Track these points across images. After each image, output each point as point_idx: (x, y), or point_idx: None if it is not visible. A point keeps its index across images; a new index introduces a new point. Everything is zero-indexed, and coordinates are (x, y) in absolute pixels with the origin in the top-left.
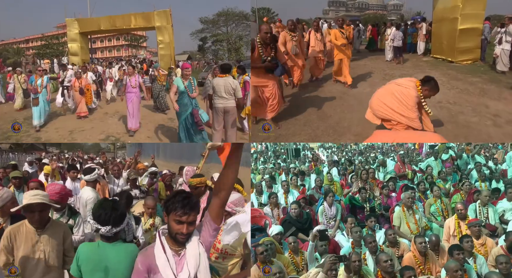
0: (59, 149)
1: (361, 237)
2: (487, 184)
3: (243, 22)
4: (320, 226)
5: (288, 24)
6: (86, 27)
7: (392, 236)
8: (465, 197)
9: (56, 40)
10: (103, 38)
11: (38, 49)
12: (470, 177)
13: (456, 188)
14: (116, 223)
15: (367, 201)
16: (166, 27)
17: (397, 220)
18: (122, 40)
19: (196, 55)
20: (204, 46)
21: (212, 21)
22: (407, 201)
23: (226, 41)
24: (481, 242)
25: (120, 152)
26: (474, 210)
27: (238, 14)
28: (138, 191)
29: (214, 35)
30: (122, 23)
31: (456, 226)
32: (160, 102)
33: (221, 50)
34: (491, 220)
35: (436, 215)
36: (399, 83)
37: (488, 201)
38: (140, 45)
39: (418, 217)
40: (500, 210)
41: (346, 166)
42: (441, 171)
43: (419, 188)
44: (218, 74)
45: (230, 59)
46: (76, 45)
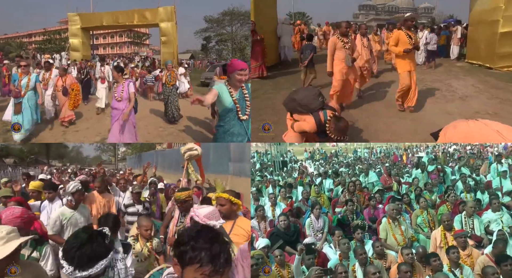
0: (62, 163)
1: (349, 249)
2: (472, 195)
3: (248, 22)
4: (309, 238)
5: (342, 27)
6: (88, 22)
7: (380, 248)
8: (451, 208)
9: (59, 35)
10: (106, 35)
11: (40, 44)
12: (456, 188)
13: (442, 199)
14: (81, 266)
15: (354, 214)
16: (170, 25)
17: (383, 233)
18: (125, 37)
19: (199, 55)
20: (207, 45)
21: (217, 20)
22: (392, 213)
23: (231, 41)
24: (467, 253)
25: (121, 163)
26: (460, 221)
27: (243, 13)
28: (141, 207)
29: (218, 35)
30: (125, 19)
31: (443, 237)
32: (171, 109)
33: (225, 50)
34: (477, 231)
35: (422, 226)
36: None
37: (474, 212)
38: (143, 43)
39: (404, 228)
40: (485, 220)
41: (334, 178)
42: (427, 183)
43: (405, 200)
44: (221, 75)
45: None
46: (77, 41)
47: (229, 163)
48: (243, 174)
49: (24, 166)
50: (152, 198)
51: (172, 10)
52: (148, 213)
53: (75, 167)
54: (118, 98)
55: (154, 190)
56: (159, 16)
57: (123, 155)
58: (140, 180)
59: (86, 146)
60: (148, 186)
